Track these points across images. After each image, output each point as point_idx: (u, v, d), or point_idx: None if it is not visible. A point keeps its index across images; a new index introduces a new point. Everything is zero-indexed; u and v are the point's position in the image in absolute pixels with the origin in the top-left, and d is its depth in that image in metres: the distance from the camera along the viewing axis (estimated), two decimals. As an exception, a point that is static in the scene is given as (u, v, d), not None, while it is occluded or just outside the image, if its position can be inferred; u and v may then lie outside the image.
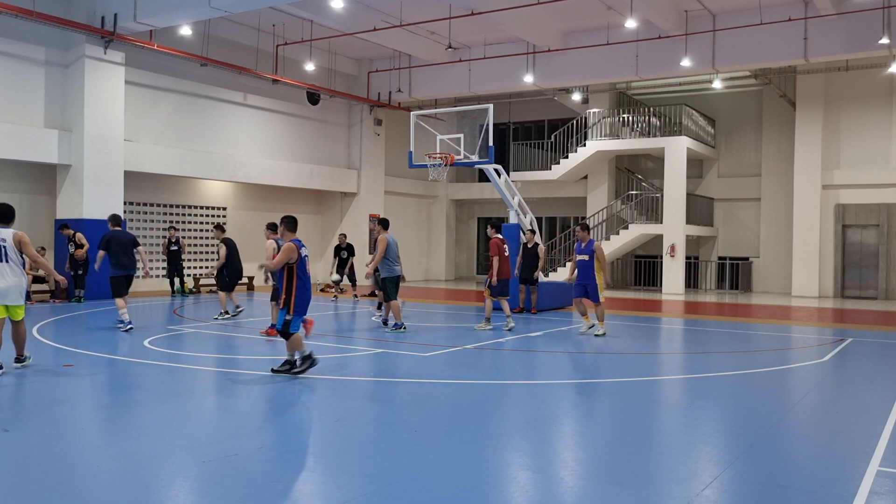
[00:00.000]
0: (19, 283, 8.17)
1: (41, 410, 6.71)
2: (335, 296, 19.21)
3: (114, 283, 11.91)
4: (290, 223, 8.35)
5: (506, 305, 12.97)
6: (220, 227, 14.13)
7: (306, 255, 8.24)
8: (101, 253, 11.99)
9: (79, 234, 16.37)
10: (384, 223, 12.76)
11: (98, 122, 17.32)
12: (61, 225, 16.69)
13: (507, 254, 12.90)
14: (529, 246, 15.76)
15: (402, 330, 12.13)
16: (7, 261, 8.12)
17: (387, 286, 12.27)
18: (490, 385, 8.30)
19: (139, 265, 12.27)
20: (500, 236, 12.96)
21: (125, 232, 12.36)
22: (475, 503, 4.44)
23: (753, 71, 22.37)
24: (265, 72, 21.53)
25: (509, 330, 12.60)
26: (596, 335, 11.91)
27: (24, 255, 8.29)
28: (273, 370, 8.20)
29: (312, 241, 24.75)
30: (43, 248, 16.83)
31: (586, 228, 12.21)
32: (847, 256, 22.79)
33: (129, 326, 11.64)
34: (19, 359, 8.49)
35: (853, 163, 22.52)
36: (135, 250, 12.16)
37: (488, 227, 13.33)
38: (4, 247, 8.14)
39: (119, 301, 11.80)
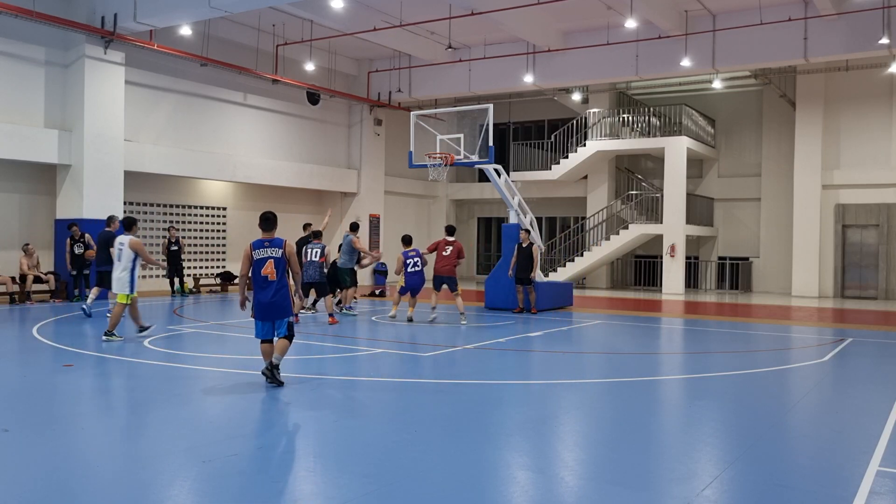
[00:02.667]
0: (119, 277, 10.44)
1: (41, 410, 6.71)
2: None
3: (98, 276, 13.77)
4: (260, 221, 7.73)
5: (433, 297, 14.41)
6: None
7: (265, 257, 7.51)
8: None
9: (87, 235, 16.39)
10: (351, 226, 15.17)
11: (98, 122, 17.31)
12: (69, 224, 16.61)
13: (444, 253, 14.00)
14: (524, 246, 15.76)
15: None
16: (120, 259, 10.46)
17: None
18: (490, 385, 8.30)
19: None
20: (450, 238, 14.26)
21: (106, 231, 13.56)
22: (475, 503, 4.44)
23: (753, 71, 22.37)
24: (265, 72, 21.52)
25: (431, 321, 13.76)
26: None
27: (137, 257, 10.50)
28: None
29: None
30: (27, 244, 16.73)
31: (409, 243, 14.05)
32: (847, 256, 22.78)
33: (88, 312, 13.24)
34: (109, 333, 10.42)
35: (853, 163, 22.52)
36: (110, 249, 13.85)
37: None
38: (122, 250, 10.46)
39: (94, 290, 13.61)
